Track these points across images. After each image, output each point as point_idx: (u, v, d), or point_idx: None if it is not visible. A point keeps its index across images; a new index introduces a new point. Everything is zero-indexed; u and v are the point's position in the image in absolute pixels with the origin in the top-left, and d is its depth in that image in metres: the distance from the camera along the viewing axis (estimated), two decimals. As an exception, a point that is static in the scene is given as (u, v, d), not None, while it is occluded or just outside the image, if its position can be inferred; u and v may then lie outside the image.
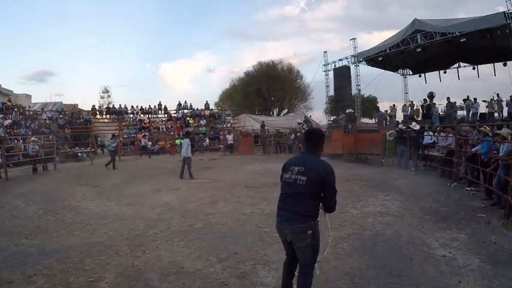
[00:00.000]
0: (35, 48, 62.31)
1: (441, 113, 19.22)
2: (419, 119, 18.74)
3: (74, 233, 5.60)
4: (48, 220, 6.49)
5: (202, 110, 29.84)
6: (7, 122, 22.46)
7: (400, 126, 13.46)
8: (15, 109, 24.82)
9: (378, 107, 22.71)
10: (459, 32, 17.58)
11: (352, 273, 3.89)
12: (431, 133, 12.64)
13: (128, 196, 8.50)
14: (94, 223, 6.11)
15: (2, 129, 21.13)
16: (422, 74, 25.76)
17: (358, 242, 4.91)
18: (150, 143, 23.27)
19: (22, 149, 16.11)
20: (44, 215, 6.88)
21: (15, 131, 21.48)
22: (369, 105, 30.10)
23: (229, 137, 22.97)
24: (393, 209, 6.64)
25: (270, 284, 3.68)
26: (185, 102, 30.02)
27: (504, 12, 16.10)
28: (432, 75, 25.19)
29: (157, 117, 29.35)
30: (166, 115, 29.55)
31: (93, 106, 28.97)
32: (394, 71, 26.20)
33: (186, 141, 11.71)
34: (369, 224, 5.72)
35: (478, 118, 17.59)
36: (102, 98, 35.48)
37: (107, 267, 4.16)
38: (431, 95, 19.61)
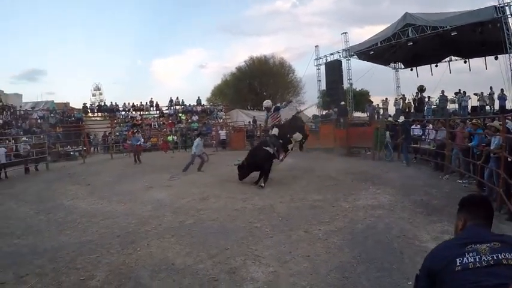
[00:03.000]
0: (26, 47, 60.84)
1: (433, 106, 19.30)
2: (412, 112, 18.82)
3: (65, 232, 5.59)
4: (40, 220, 6.46)
5: (194, 105, 29.49)
6: (-2, 122, 22.14)
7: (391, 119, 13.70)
8: (6, 109, 24.51)
9: (371, 100, 22.73)
10: (450, 26, 17.61)
11: (342, 267, 3.93)
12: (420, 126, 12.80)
13: (120, 194, 8.45)
14: (85, 222, 6.10)
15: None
16: (414, 68, 25.61)
17: (349, 235, 4.94)
18: (142, 140, 23.09)
19: (14, 149, 15.92)
20: (36, 215, 6.84)
21: (6, 131, 21.15)
22: (361, 99, 29.93)
23: (222, 133, 22.88)
24: (384, 203, 6.66)
25: (259, 279, 3.71)
26: (177, 98, 29.67)
27: (495, 6, 16.23)
28: (424, 69, 25.06)
29: (149, 114, 29.02)
30: (158, 112, 29.21)
31: (84, 104, 28.59)
32: (385, 65, 26.17)
33: (196, 141, 12.72)
34: (360, 218, 5.76)
35: (469, 111, 17.60)
36: (93, 95, 34.88)
37: (98, 265, 4.17)
38: (421, 89, 19.59)
